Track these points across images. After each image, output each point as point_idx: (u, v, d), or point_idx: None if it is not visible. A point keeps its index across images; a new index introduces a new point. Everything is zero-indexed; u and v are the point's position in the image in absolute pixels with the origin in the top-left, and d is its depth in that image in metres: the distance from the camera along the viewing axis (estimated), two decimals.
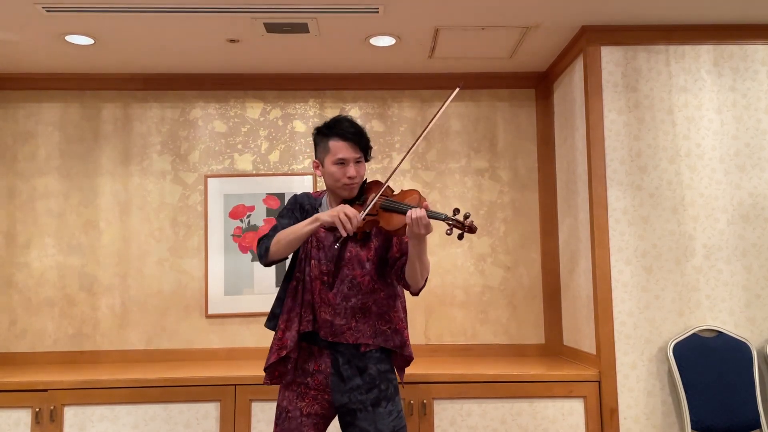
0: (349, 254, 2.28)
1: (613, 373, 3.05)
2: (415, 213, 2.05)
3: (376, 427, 2.24)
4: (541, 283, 3.75)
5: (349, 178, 2.26)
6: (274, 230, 2.31)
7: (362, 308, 2.27)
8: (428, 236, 2.15)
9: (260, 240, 2.32)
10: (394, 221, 2.15)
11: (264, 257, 2.30)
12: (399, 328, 2.32)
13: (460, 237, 2.08)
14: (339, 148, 2.26)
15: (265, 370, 2.30)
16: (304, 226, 2.21)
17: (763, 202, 3.16)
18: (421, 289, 2.28)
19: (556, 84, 3.69)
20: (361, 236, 2.29)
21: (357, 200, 2.31)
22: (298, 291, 2.29)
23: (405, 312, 2.39)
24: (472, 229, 2.04)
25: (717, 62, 3.21)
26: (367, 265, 2.28)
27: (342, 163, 2.26)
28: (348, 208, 2.11)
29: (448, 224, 2.07)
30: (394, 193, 2.29)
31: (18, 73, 3.72)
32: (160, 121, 3.79)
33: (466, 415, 3.07)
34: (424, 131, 2.29)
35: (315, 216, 2.20)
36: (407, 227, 2.08)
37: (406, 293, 2.37)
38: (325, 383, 2.28)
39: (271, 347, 2.31)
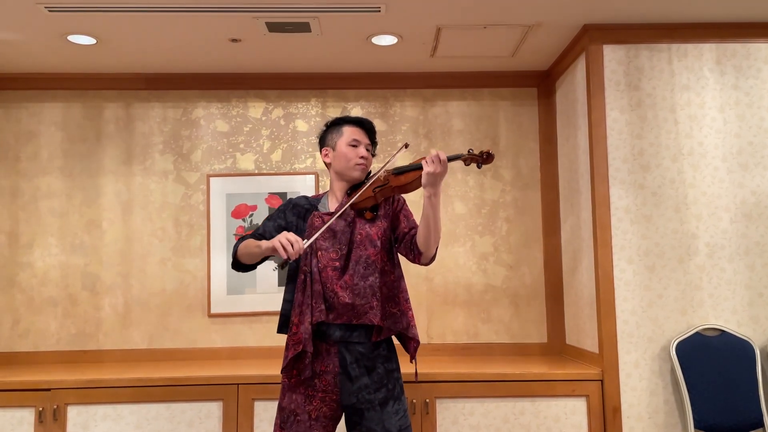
0: (359, 235, 2.31)
1: (616, 372, 3.05)
2: (432, 152, 2.18)
3: (384, 426, 2.24)
4: (543, 282, 3.75)
5: (362, 158, 2.38)
6: (254, 232, 2.41)
7: (380, 288, 2.29)
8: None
9: (238, 240, 2.40)
10: (408, 177, 2.28)
11: (233, 259, 2.40)
12: (404, 309, 2.35)
13: (479, 166, 2.23)
14: (353, 131, 2.41)
15: (282, 370, 2.30)
16: (254, 247, 2.28)
17: (766, 200, 3.15)
18: (432, 259, 2.33)
19: (559, 83, 3.69)
20: (370, 215, 2.35)
21: (364, 182, 2.39)
22: (306, 284, 2.29)
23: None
24: (490, 156, 2.21)
25: (720, 60, 3.21)
26: (378, 244, 2.32)
27: (355, 144, 2.39)
28: (290, 234, 2.15)
29: (464, 160, 2.23)
30: None
31: (20, 73, 3.72)
32: (163, 121, 3.80)
33: (469, 414, 3.07)
34: (380, 169, 2.37)
35: (259, 242, 2.26)
36: (423, 171, 2.18)
37: (415, 269, 2.41)
38: (333, 383, 2.28)
39: (287, 345, 2.30)
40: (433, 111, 3.83)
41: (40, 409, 3.02)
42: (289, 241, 2.11)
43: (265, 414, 3.06)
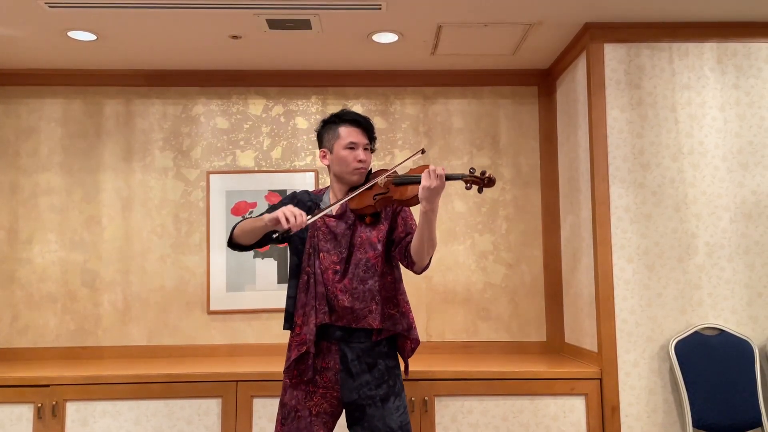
0: (360, 238, 2.31)
1: (615, 370, 3.05)
2: (431, 167, 2.10)
3: (385, 422, 2.24)
4: (542, 280, 3.75)
5: (360, 161, 2.32)
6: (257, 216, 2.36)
7: (378, 290, 2.29)
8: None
9: (239, 221, 2.37)
10: (408, 191, 2.21)
11: (230, 238, 2.36)
12: (405, 311, 2.35)
13: (480, 191, 2.13)
14: (350, 133, 2.34)
15: (285, 370, 2.30)
16: (258, 221, 2.23)
17: (766, 200, 3.15)
18: (425, 269, 2.31)
19: (559, 81, 3.69)
20: (370, 220, 2.33)
21: (364, 185, 2.35)
22: (310, 285, 2.29)
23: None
24: (491, 181, 2.11)
25: (720, 60, 3.21)
26: (379, 246, 2.31)
27: (353, 147, 2.33)
28: (294, 208, 2.12)
29: (466, 181, 2.14)
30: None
31: (20, 69, 3.72)
32: (162, 118, 3.79)
33: (468, 412, 3.07)
34: (384, 174, 2.33)
35: (262, 216, 2.22)
36: (421, 186, 2.11)
37: (409, 273, 2.39)
38: (334, 380, 2.28)
39: (290, 345, 2.30)
40: (434, 109, 3.83)
41: (39, 405, 3.02)
42: (292, 214, 2.08)
43: (264, 411, 3.06)
